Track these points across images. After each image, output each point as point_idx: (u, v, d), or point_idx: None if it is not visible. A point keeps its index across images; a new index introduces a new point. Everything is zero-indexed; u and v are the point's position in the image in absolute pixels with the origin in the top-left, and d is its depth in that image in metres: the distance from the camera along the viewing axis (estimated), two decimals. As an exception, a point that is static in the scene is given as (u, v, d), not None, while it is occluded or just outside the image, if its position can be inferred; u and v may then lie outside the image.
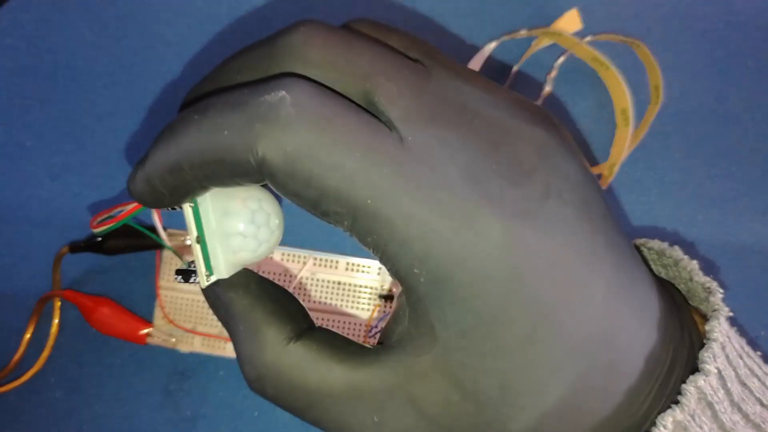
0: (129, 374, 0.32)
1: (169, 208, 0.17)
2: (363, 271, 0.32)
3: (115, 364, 0.32)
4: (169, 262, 0.32)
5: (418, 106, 0.14)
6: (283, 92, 0.14)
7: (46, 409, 0.32)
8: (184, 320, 0.31)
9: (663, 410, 0.16)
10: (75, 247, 0.31)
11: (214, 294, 0.17)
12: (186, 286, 0.31)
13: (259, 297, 0.17)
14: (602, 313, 0.15)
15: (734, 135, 0.34)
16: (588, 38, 0.33)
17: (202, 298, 0.31)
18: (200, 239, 0.17)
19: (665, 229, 0.33)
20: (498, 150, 0.15)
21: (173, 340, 0.31)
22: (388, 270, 0.15)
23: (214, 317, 0.31)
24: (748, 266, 0.33)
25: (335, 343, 0.16)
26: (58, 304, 0.31)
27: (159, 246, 0.31)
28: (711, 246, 0.33)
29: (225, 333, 0.31)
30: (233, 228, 0.17)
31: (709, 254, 0.33)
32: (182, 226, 0.32)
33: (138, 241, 0.31)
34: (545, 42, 0.34)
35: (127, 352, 0.32)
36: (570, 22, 0.34)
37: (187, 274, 0.18)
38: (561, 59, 0.33)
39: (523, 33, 0.33)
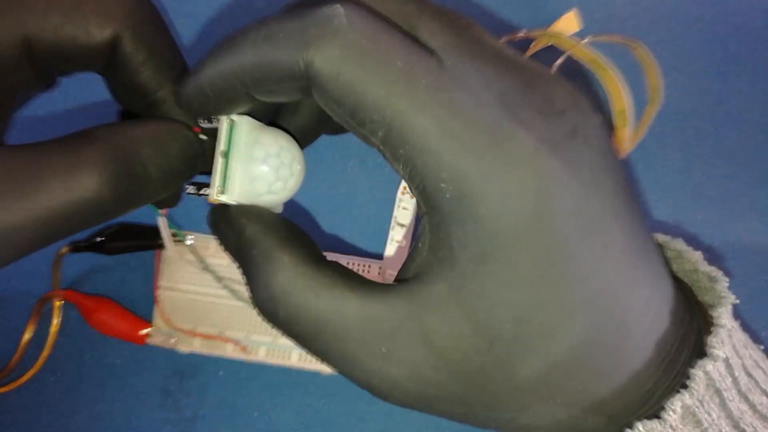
0: (129, 374, 0.32)
1: (208, 121, 0.18)
2: (364, 272, 0.32)
3: (115, 364, 0.32)
4: (170, 263, 0.32)
5: (459, 43, 0.15)
6: (339, 6, 0.15)
7: (46, 409, 0.32)
8: (184, 320, 0.31)
9: (670, 393, 0.16)
10: (75, 247, 0.31)
11: (226, 221, 0.17)
12: (186, 286, 0.32)
13: (273, 224, 0.17)
14: (619, 266, 0.16)
15: (733, 135, 0.34)
16: (587, 39, 0.33)
17: (202, 297, 0.31)
18: (225, 154, 0.17)
19: (664, 229, 0.33)
20: (531, 88, 0.15)
21: (173, 340, 0.31)
22: (415, 189, 0.15)
23: (214, 317, 0.31)
24: (747, 266, 0.33)
25: (349, 274, 0.17)
26: (58, 304, 0.31)
27: (159, 246, 0.31)
28: (710, 246, 0.33)
29: (224, 334, 0.31)
30: (258, 155, 0.17)
31: (708, 254, 0.32)
32: (184, 226, 0.32)
33: (138, 241, 0.31)
34: (544, 43, 0.34)
35: (126, 352, 0.32)
36: (569, 23, 0.34)
37: (200, 185, 0.18)
38: (560, 60, 0.33)
39: (522, 34, 0.33)
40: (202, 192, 0.18)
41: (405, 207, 0.33)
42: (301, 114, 0.19)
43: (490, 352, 0.15)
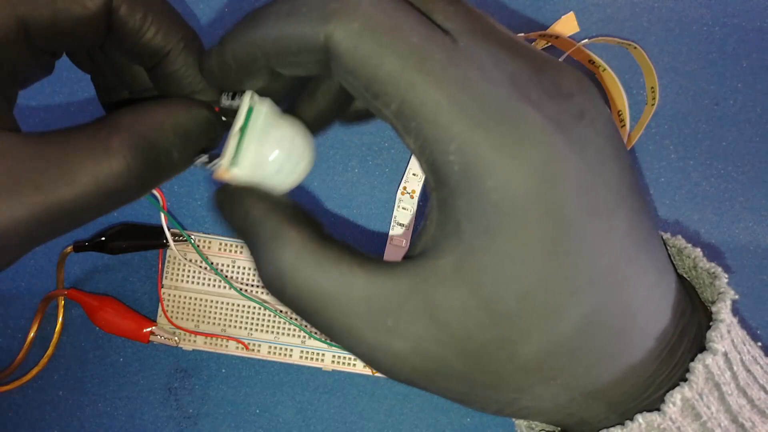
0: (132, 372, 0.32)
1: (232, 98, 0.18)
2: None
3: (118, 362, 0.32)
4: (173, 262, 0.32)
5: (472, 26, 0.16)
6: None
7: (49, 407, 0.32)
8: (187, 318, 0.32)
9: (668, 386, 0.16)
10: (79, 247, 0.31)
11: (232, 199, 0.18)
12: (189, 284, 0.32)
13: (279, 203, 0.18)
14: (623, 250, 0.16)
15: (730, 136, 0.34)
16: (585, 41, 0.33)
17: (205, 296, 0.32)
18: (242, 131, 0.18)
19: (662, 228, 0.33)
20: (541, 72, 0.16)
21: (176, 338, 0.31)
22: (425, 162, 0.15)
23: (217, 315, 0.32)
24: (744, 266, 0.33)
25: (354, 251, 0.17)
26: (62, 302, 0.32)
27: (163, 245, 0.32)
28: (707, 246, 0.33)
29: (227, 332, 0.32)
30: (273, 137, 0.18)
31: (706, 254, 0.33)
32: (186, 226, 0.32)
33: (141, 240, 0.32)
34: (542, 45, 0.34)
35: (130, 351, 0.32)
36: (567, 25, 0.34)
37: (211, 156, 0.18)
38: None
39: (521, 36, 0.34)
40: (213, 163, 0.18)
41: (405, 207, 0.33)
42: (317, 101, 0.19)
43: (494, 328, 0.15)
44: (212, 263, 0.32)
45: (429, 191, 0.16)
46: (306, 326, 0.32)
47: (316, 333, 0.32)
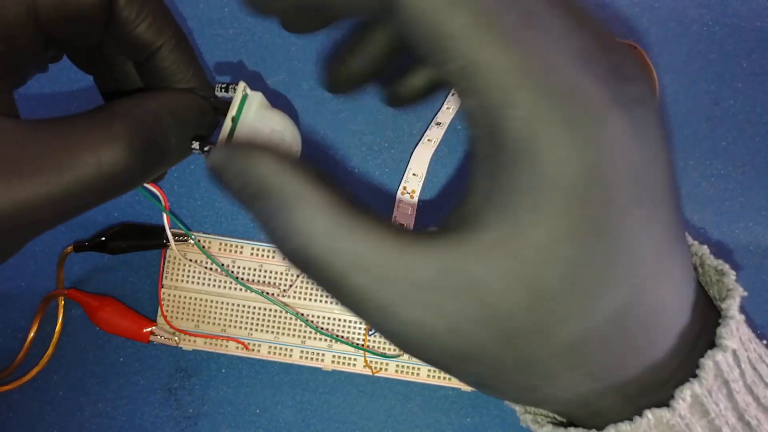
0: (132, 372, 0.32)
1: (225, 90, 0.19)
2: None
3: (118, 362, 0.32)
4: (173, 262, 0.32)
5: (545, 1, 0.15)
6: None
7: (49, 407, 0.32)
8: (187, 318, 0.32)
9: (679, 383, 0.16)
10: (79, 247, 0.32)
11: (235, 159, 0.16)
12: (189, 285, 0.32)
13: (293, 163, 0.16)
14: (660, 243, 0.15)
15: (729, 136, 0.34)
16: (585, 40, 0.33)
17: (205, 296, 0.32)
18: (234, 120, 0.19)
19: (662, 228, 0.33)
20: (607, 50, 0.15)
21: (176, 338, 0.32)
22: (483, 127, 0.15)
23: (217, 315, 0.32)
24: (743, 266, 0.33)
25: (387, 221, 0.16)
26: (62, 302, 0.32)
27: (163, 245, 0.32)
28: (707, 246, 0.33)
29: (227, 332, 0.32)
30: (264, 128, 0.19)
31: (705, 253, 0.33)
32: (186, 225, 0.32)
33: (141, 240, 0.32)
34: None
35: (130, 351, 0.32)
36: (567, 24, 0.34)
37: (204, 143, 0.19)
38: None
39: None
40: (206, 149, 0.19)
41: (405, 207, 0.33)
42: (366, 47, 0.18)
43: (535, 310, 0.15)
44: (212, 263, 0.32)
45: (474, 160, 0.15)
46: (309, 322, 0.32)
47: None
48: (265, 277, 0.32)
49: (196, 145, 0.19)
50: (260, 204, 0.16)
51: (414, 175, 0.33)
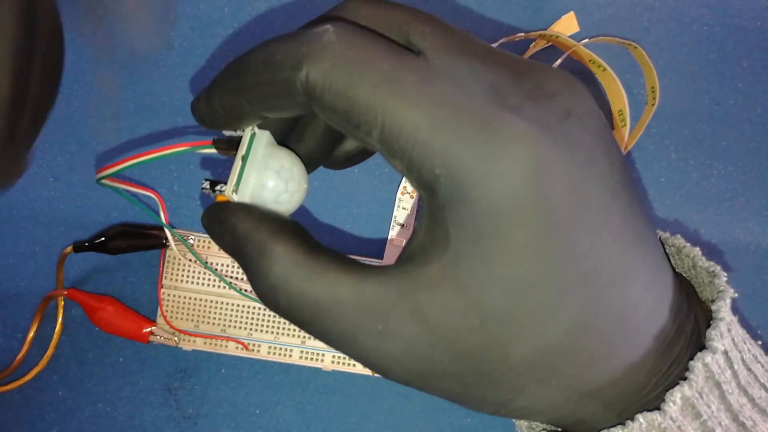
0: (131, 372, 0.32)
1: (230, 132, 0.20)
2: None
3: (117, 362, 0.32)
4: (173, 262, 0.32)
5: (449, 42, 0.16)
6: (328, 26, 0.16)
7: (49, 407, 0.32)
8: (187, 319, 0.32)
9: (667, 385, 0.16)
10: (78, 247, 0.31)
11: (218, 221, 0.18)
12: (189, 285, 0.32)
13: (263, 219, 0.18)
14: (616, 248, 0.16)
15: (730, 135, 0.34)
16: (585, 41, 0.33)
17: (204, 296, 0.32)
18: (244, 159, 0.19)
19: (661, 229, 0.33)
20: (522, 77, 0.16)
21: (176, 338, 0.31)
22: (414, 180, 0.16)
23: (216, 316, 0.32)
24: (744, 266, 0.33)
25: (343, 259, 0.17)
26: (61, 303, 0.32)
27: (163, 245, 0.32)
28: (707, 246, 0.33)
29: (226, 332, 0.32)
30: (273, 166, 0.19)
31: (706, 254, 0.33)
32: (185, 226, 0.32)
33: (141, 240, 0.32)
34: (542, 44, 0.34)
35: (129, 351, 0.32)
36: (567, 24, 0.34)
37: (213, 183, 0.20)
38: (558, 61, 0.34)
39: (521, 36, 0.34)
40: (216, 189, 0.20)
41: (405, 207, 0.33)
42: (305, 141, 0.20)
43: (484, 330, 0.15)
44: (212, 264, 0.32)
45: (420, 201, 0.16)
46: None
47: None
48: (264, 277, 0.32)
49: (206, 185, 0.20)
50: (236, 257, 0.18)
51: (414, 175, 0.33)
